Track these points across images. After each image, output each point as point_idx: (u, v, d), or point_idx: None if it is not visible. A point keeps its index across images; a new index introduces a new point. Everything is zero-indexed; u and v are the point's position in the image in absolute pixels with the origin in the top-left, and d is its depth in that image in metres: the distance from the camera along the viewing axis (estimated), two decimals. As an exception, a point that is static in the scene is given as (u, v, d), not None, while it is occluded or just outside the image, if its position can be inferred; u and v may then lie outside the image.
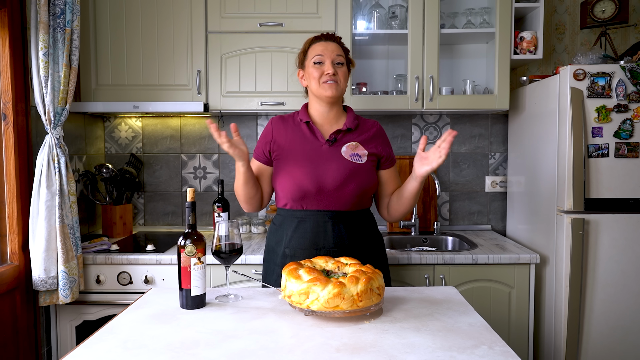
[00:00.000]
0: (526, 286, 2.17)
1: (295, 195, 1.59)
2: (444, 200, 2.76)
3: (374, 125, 1.71)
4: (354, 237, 1.62)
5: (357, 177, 1.59)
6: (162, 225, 2.78)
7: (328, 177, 1.57)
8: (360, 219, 1.66)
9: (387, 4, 2.54)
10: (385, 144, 1.70)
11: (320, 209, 1.60)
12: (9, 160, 1.99)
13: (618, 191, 2.06)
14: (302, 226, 1.61)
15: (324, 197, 1.58)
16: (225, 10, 2.36)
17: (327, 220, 1.60)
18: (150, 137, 2.75)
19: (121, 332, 1.18)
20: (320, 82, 1.59)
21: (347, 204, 1.60)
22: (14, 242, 2.01)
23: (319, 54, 1.61)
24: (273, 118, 1.72)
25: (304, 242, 1.60)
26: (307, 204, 1.60)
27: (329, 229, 1.59)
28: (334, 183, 1.57)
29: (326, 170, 1.58)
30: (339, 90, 1.60)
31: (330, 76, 1.58)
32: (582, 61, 2.13)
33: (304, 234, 1.60)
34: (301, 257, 1.58)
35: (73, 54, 2.09)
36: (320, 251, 1.59)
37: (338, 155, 1.61)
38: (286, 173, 1.61)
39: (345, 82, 1.62)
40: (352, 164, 1.60)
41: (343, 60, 1.62)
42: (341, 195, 1.58)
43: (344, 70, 1.62)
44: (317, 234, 1.59)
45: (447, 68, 2.68)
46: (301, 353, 1.05)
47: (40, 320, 2.13)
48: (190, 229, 1.34)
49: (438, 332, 1.16)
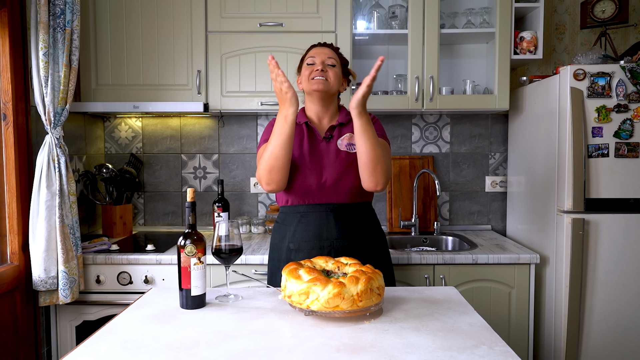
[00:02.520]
0: (526, 286, 2.17)
1: (297, 192, 1.65)
2: (444, 200, 2.76)
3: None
4: (356, 228, 1.66)
5: (354, 168, 1.63)
6: (162, 225, 2.78)
7: (327, 172, 1.63)
8: (361, 212, 1.70)
9: (387, 4, 2.54)
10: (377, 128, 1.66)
11: (322, 202, 1.64)
12: (9, 160, 1.99)
13: (618, 191, 2.06)
14: (305, 220, 1.65)
15: (325, 191, 1.63)
16: (225, 10, 2.36)
17: (329, 212, 1.64)
18: (150, 137, 2.75)
19: (121, 332, 1.18)
20: (310, 77, 1.65)
21: (347, 196, 1.65)
22: (14, 242, 2.01)
23: (312, 56, 1.68)
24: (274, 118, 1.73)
25: (307, 234, 1.64)
26: (309, 199, 1.65)
27: (331, 221, 1.64)
28: (333, 176, 1.63)
29: (325, 166, 1.64)
30: (327, 85, 1.64)
31: (319, 72, 1.63)
32: (582, 61, 2.13)
33: (307, 227, 1.64)
34: (305, 250, 1.62)
35: (73, 54, 2.09)
36: (324, 242, 1.62)
37: (335, 149, 1.66)
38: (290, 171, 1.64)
39: (335, 80, 1.66)
40: (349, 155, 1.65)
41: (335, 62, 1.67)
42: (341, 188, 1.64)
43: (335, 71, 1.66)
44: (320, 227, 1.63)
45: (447, 68, 2.68)
46: (301, 353, 1.05)
47: (40, 320, 2.13)
48: (190, 229, 1.34)
49: (438, 332, 1.16)
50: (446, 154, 2.75)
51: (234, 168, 2.75)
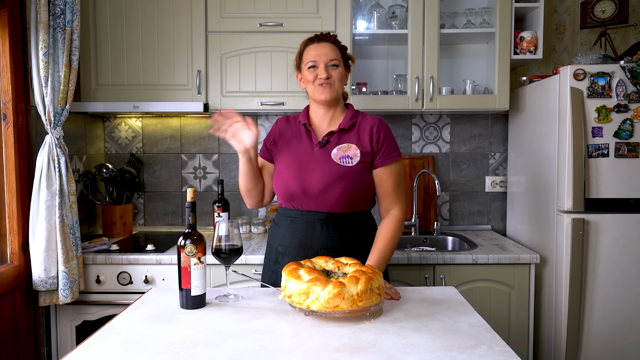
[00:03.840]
0: (526, 286, 2.17)
1: (284, 195, 1.63)
2: (444, 200, 2.76)
3: (373, 121, 1.63)
4: (345, 239, 1.60)
5: (343, 181, 1.55)
6: (162, 225, 2.78)
7: (313, 180, 1.56)
8: (355, 222, 1.62)
9: (387, 4, 2.54)
10: (381, 140, 1.60)
11: (309, 209, 1.60)
12: (9, 160, 1.99)
13: (618, 191, 2.06)
14: (293, 225, 1.62)
15: (310, 199, 1.58)
16: (225, 10, 2.36)
17: (317, 221, 1.59)
18: (150, 137, 2.75)
19: (121, 332, 1.18)
20: (315, 85, 1.60)
21: (336, 207, 1.58)
22: (14, 242, 2.01)
23: (313, 60, 1.59)
24: (279, 118, 1.75)
25: (293, 241, 1.61)
26: (296, 204, 1.62)
27: (317, 230, 1.59)
28: (317, 186, 1.56)
29: (311, 174, 1.57)
30: (333, 93, 1.60)
31: (324, 80, 1.58)
32: (582, 61, 2.13)
33: (294, 233, 1.62)
34: (291, 256, 1.60)
35: (73, 54, 2.09)
36: (308, 251, 1.59)
37: (327, 158, 1.58)
38: (277, 173, 1.65)
39: (340, 83, 1.61)
40: (340, 167, 1.56)
41: (338, 62, 1.60)
42: (327, 199, 1.56)
43: (338, 72, 1.60)
44: (306, 234, 1.59)
45: (447, 68, 2.68)
46: (301, 353, 1.05)
47: (40, 320, 2.13)
48: (190, 229, 1.34)
49: (438, 332, 1.16)
50: (446, 154, 2.75)
51: (234, 168, 2.75)
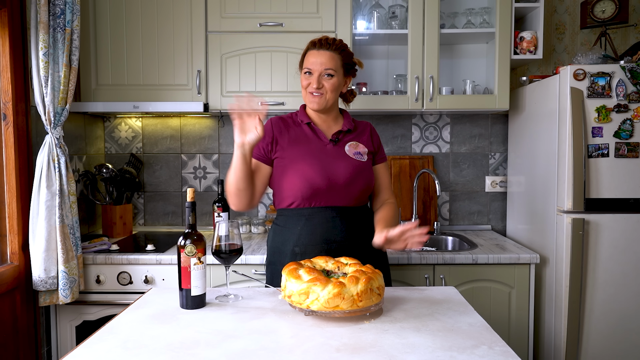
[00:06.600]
0: (526, 286, 2.17)
1: (305, 193, 1.60)
2: (444, 200, 2.76)
3: (367, 125, 1.80)
4: (359, 231, 1.66)
5: (363, 174, 1.66)
6: (162, 225, 2.78)
7: (339, 174, 1.62)
8: (362, 214, 1.70)
9: (387, 4, 2.54)
10: (377, 141, 1.79)
11: (328, 205, 1.62)
12: (9, 160, 1.99)
13: (618, 191, 2.06)
14: (311, 223, 1.62)
15: (334, 194, 1.62)
16: (225, 10, 2.36)
17: (335, 215, 1.63)
18: (150, 137, 2.75)
19: (121, 332, 1.18)
20: (307, 92, 1.65)
21: (352, 200, 1.65)
22: (14, 242, 2.01)
23: (308, 67, 1.64)
24: (272, 118, 1.72)
25: (314, 238, 1.61)
26: (316, 201, 1.62)
27: (337, 223, 1.62)
28: (344, 179, 1.62)
29: (336, 168, 1.62)
30: (322, 104, 1.64)
31: (315, 89, 1.62)
32: (582, 61, 2.13)
33: (313, 230, 1.61)
34: (312, 254, 1.58)
35: (73, 54, 2.09)
36: (332, 245, 1.60)
37: (343, 153, 1.66)
38: (295, 172, 1.61)
39: (333, 93, 1.64)
40: (357, 162, 1.66)
41: (333, 72, 1.63)
42: (350, 192, 1.63)
43: (332, 82, 1.63)
44: (327, 230, 1.61)
45: (447, 68, 2.68)
46: (301, 353, 1.05)
47: (40, 320, 2.13)
48: (190, 229, 1.34)
49: (438, 332, 1.16)
50: (446, 154, 2.75)
51: (234, 168, 2.74)
